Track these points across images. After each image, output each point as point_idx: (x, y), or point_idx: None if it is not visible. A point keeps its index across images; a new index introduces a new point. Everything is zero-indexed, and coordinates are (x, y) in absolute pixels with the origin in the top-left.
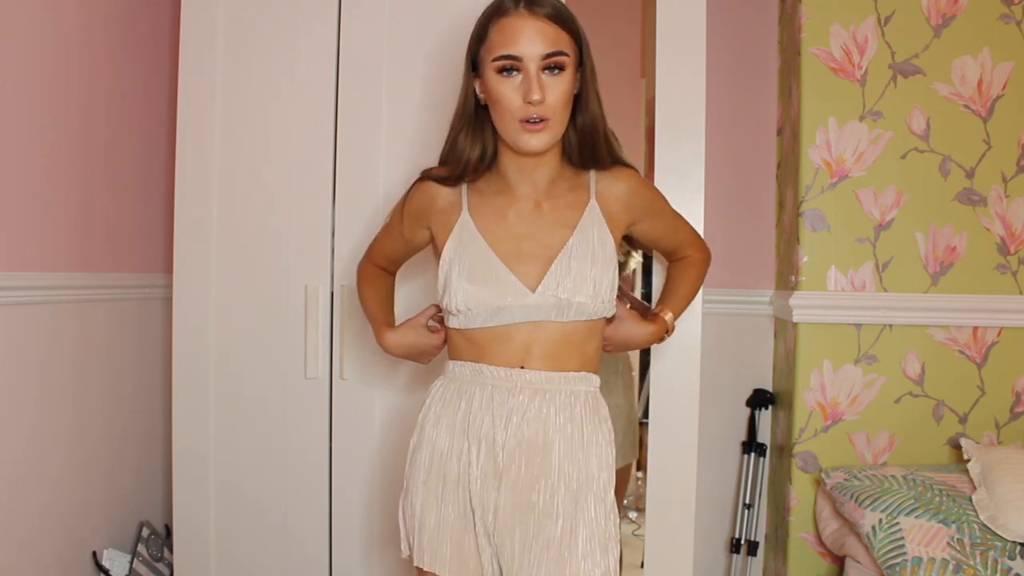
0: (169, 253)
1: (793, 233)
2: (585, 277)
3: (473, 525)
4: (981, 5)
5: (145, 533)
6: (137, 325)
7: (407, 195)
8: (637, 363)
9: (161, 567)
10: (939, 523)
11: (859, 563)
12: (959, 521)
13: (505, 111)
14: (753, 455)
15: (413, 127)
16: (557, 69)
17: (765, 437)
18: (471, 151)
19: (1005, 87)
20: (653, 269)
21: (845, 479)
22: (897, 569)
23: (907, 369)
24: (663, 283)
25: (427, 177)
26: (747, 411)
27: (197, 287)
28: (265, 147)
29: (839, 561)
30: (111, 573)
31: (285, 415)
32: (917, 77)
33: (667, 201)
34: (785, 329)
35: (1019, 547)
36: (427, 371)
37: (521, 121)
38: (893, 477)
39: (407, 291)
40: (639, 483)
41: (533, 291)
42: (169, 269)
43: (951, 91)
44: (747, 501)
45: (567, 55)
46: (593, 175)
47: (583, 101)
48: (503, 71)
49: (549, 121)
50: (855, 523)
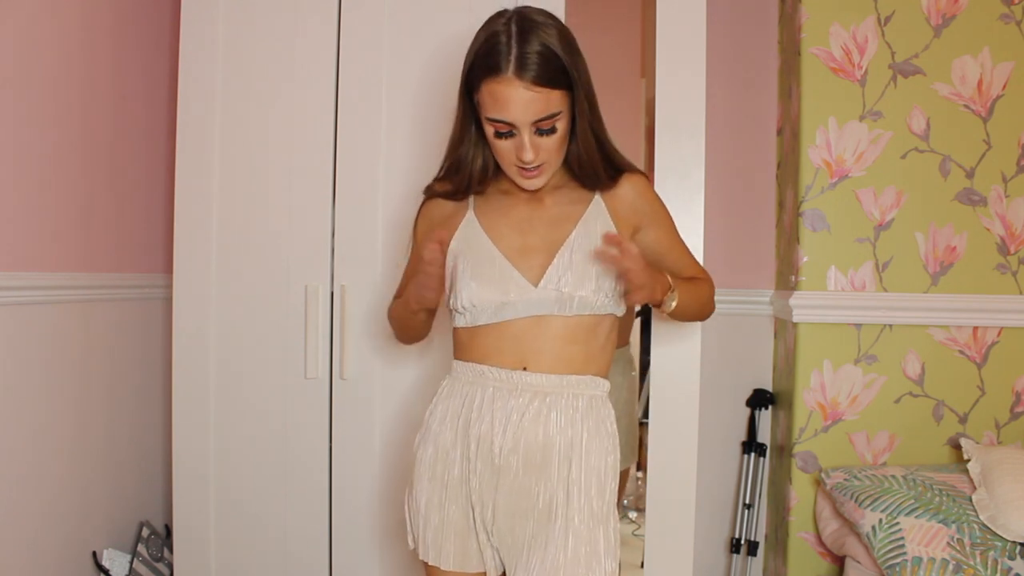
0: (169, 253)
1: (793, 233)
2: (588, 271)
3: (474, 523)
4: (981, 5)
5: (145, 533)
6: (137, 325)
7: (416, 221)
8: (637, 363)
9: (161, 567)
10: (939, 523)
11: (859, 563)
12: (959, 521)
13: (503, 159)
14: (753, 455)
15: (413, 127)
16: (549, 130)
17: (765, 437)
18: (473, 165)
19: (1005, 87)
20: None
21: (845, 479)
22: (897, 569)
23: (907, 369)
24: None
25: (432, 196)
26: (747, 411)
27: (197, 287)
28: (265, 147)
29: (839, 561)
30: (111, 573)
31: (285, 415)
32: (917, 77)
33: (672, 219)
34: (785, 329)
35: (1019, 547)
36: (427, 372)
37: (517, 167)
38: (893, 477)
39: None
40: (639, 483)
41: (536, 286)
42: (169, 269)
43: (951, 91)
44: (747, 501)
45: (559, 113)
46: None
47: (577, 133)
48: (497, 134)
49: (544, 166)
50: (855, 523)
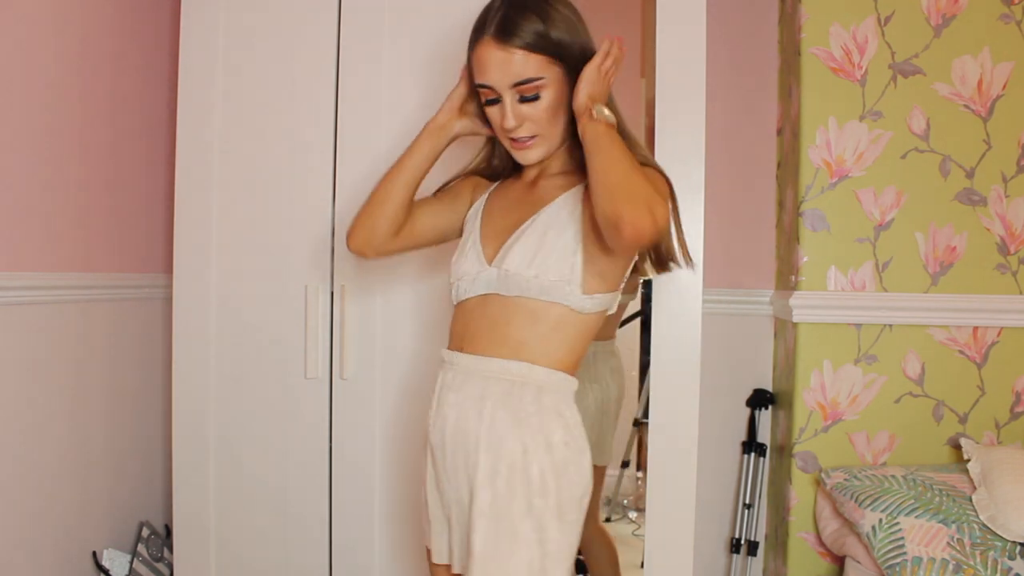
0: (169, 253)
1: (793, 233)
2: (532, 252)
3: (445, 514)
4: (981, 5)
5: (145, 533)
6: (137, 325)
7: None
8: (637, 363)
9: (161, 567)
10: (939, 523)
11: (859, 563)
12: (959, 521)
13: (496, 131)
14: (753, 455)
15: (413, 126)
16: (532, 97)
17: (765, 437)
18: (495, 152)
19: (1005, 87)
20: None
21: (845, 479)
22: (897, 569)
23: (907, 369)
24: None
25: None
26: (747, 411)
27: (197, 287)
28: (265, 147)
29: (839, 561)
30: (111, 573)
31: (285, 415)
32: (917, 77)
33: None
34: (785, 329)
35: (1019, 547)
36: (428, 371)
37: (510, 140)
38: (893, 477)
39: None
40: (639, 483)
41: (489, 264)
42: (169, 269)
43: (951, 91)
44: (747, 501)
45: (541, 79)
46: None
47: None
48: (486, 102)
49: (538, 137)
50: (855, 523)
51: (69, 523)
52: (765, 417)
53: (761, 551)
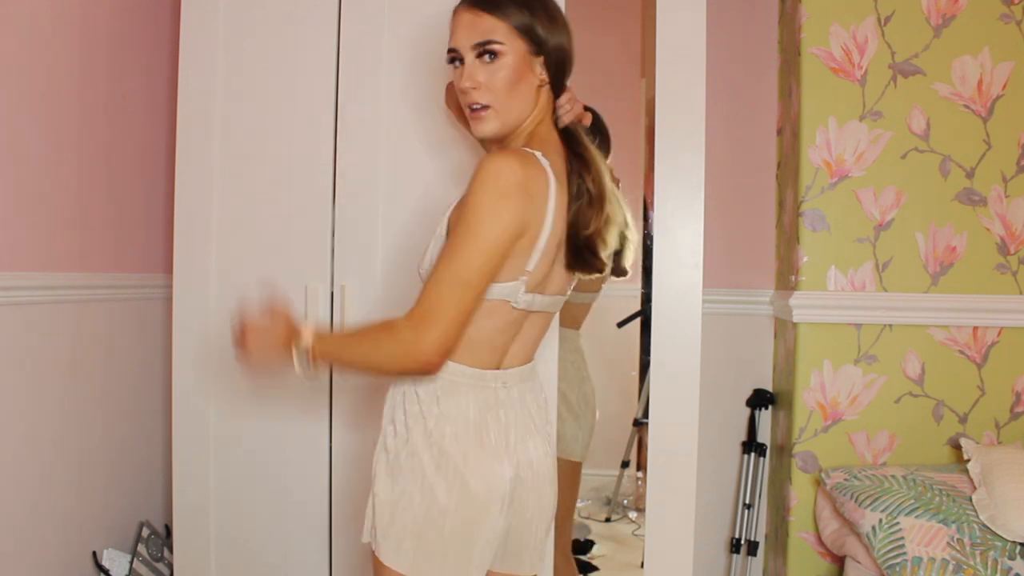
0: (169, 253)
1: (793, 233)
2: (428, 248)
3: None
4: (981, 5)
5: (145, 533)
6: (137, 325)
7: None
8: (637, 363)
9: (161, 567)
10: (939, 523)
11: (859, 563)
12: (959, 521)
13: (460, 99)
14: (753, 455)
15: (413, 126)
16: (489, 55)
17: (765, 437)
18: None
19: (1005, 87)
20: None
21: (845, 479)
22: (897, 569)
23: (907, 369)
24: None
25: None
26: (747, 411)
27: (197, 287)
28: (265, 147)
29: (839, 561)
30: (111, 573)
31: (285, 415)
32: (917, 77)
33: (473, 218)
34: (785, 329)
35: (1019, 547)
36: None
37: (468, 108)
38: (893, 477)
39: None
40: (639, 483)
41: None
42: (169, 269)
43: (951, 91)
44: (747, 501)
45: (500, 43)
46: None
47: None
48: (451, 62)
49: (491, 108)
50: (855, 523)
51: (69, 523)
52: (765, 417)
53: (761, 551)
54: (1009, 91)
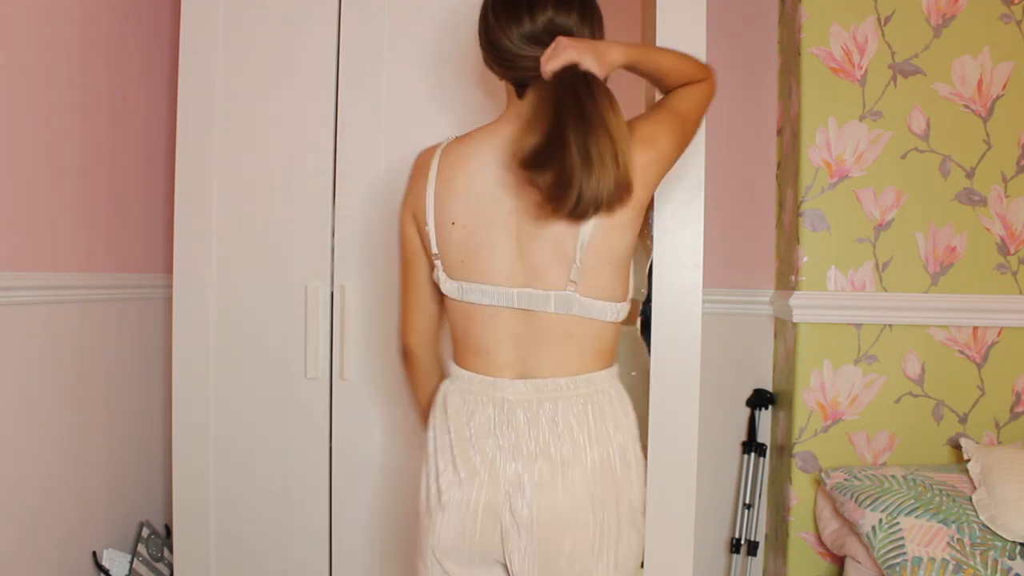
0: (169, 253)
1: (793, 233)
2: None
3: None
4: (981, 5)
5: (145, 533)
6: (137, 325)
7: None
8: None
9: (161, 567)
10: (939, 523)
11: (859, 563)
12: (959, 521)
13: None
14: (753, 455)
15: (413, 126)
16: None
17: (765, 437)
18: None
19: (1005, 87)
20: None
21: (845, 479)
22: (897, 569)
23: (907, 369)
24: None
25: None
26: (747, 411)
27: (197, 287)
28: (265, 147)
29: (839, 561)
30: (111, 573)
31: (285, 415)
32: (917, 77)
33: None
34: (785, 329)
35: (1019, 547)
36: None
37: None
38: (893, 477)
39: None
40: None
41: None
42: (169, 269)
43: (951, 91)
44: (747, 501)
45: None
46: None
47: None
48: None
49: None
50: (855, 523)
51: (69, 523)
52: (765, 417)
53: (761, 551)
54: (1009, 91)
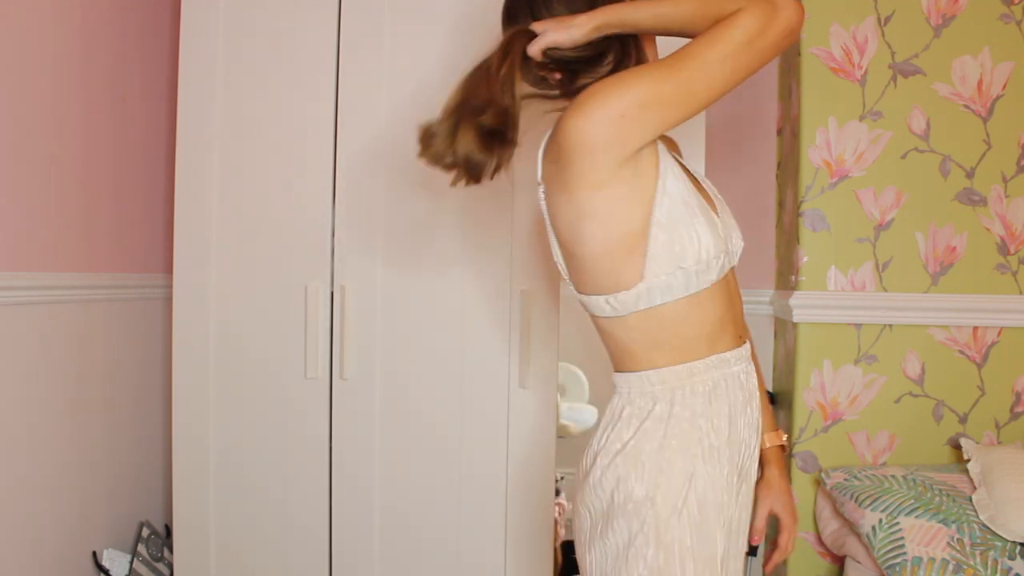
0: (169, 253)
1: (793, 233)
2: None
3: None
4: (981, 5)
5: (145, 533)
6: (137, 325)
7: None
8: None
9: (161, 567)
10: (939, 523)
11: (859, 563)
12: (959, 521)
13: None
14: None
15: (413, 127)
16: None
17: None
18: None
19: (1005, 87)
20: None
21: (845, 479)
22: (897, 569)
23: (907, 369)
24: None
25: None
26: None
27: (197, 287)
28: (265, 147)
29: (839, 561)
30: (111, 573)
31: (285, 415)
32: (917, 77)
33: None
34: (785, 329)
35: (1019, 547)
36: (427, 371)
37: None
38: (893, 477)
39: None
40: None
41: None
42: (169, 269)
43: (951, 91)
44: None
45: None
46: None
47: None
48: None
49: None
50: (855, 523)
51: (69, 523)
52: None
53: (761, 551)
54: (1009, 91)
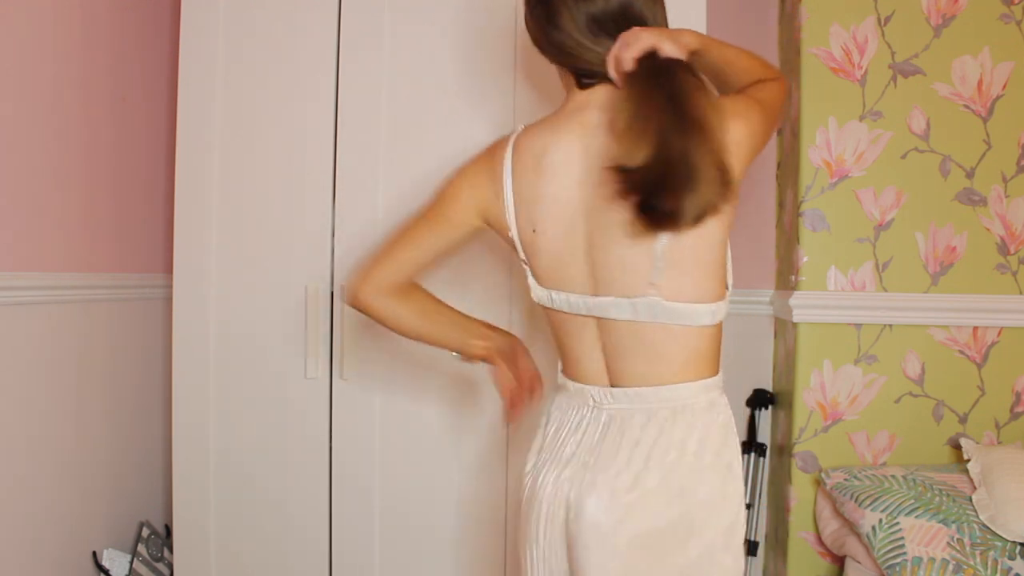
0: (169, 253)
1: (793, 233)
2: None
3: None
4: (981, 5)
5: (145, 533)
6: (137, 325)
7: None
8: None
9: (161, 567)
10: (939, 523)
11: (859, 563)
12: (959, 521)
13: None
14: (753, 455)
15: (414, 126)
16: None
17: (765, 437)
18: None
19: (1005, 87)
20: None
21: (845, 479)
22: (897, 569)
23: (907, 369)
24: None
25: None
26: (747, 411)
27: (197, 287)
28: (265, 147)
29: (839, 561)
30: (111, 573)
31: (285, 415)
32: (917, 77)
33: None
34: (785, 329)
35: (1019, 547)
36: (427, 371)
37: None
38: (893, 477)
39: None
40: None
41: None
42: (169, 269)
43: (951, 91)
44: (747, 501)
45: None
46: None
47: None
48: None
49: None
50: (855, 523)
51: (69, 523)
52: (765, 417)
53: (761, 551)
54: (1009, 91)
